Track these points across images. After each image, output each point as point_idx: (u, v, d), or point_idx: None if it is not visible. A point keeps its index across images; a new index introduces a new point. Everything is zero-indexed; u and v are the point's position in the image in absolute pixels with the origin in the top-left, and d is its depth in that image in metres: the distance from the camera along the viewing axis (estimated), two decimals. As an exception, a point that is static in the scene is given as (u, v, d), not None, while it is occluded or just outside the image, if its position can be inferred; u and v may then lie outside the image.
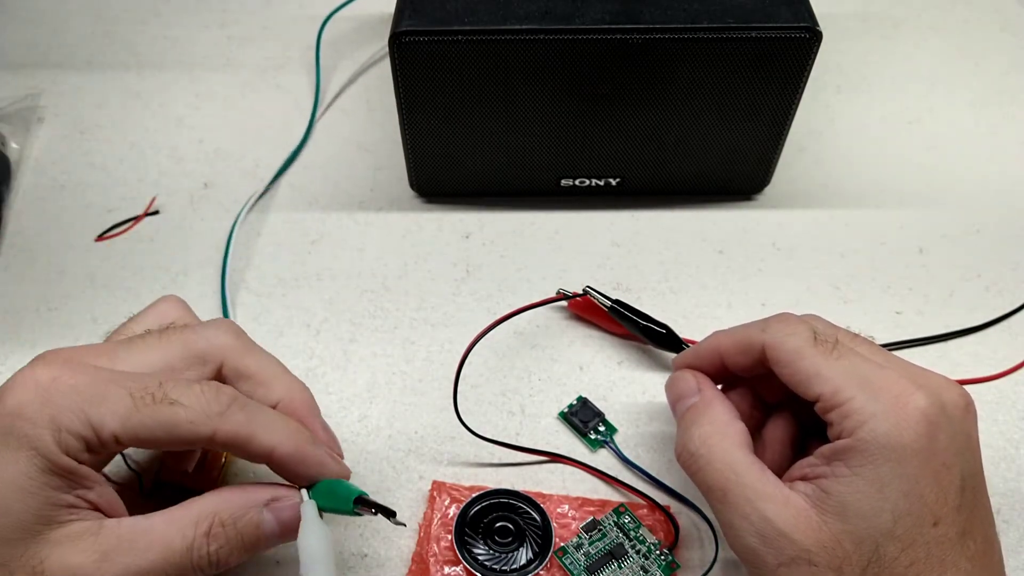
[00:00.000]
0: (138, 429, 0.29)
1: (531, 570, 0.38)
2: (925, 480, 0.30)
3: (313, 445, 0.33)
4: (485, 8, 0.45)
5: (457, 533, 0.38)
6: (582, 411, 0.44)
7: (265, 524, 0.32)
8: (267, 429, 0.32)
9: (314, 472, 0.33)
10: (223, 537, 0.31)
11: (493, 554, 0.38)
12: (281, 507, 0.32)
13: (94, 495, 0.30)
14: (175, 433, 0.30)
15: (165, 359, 0.33)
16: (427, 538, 0.39)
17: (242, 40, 0.65)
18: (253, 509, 0.32)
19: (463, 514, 0.39)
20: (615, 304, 0.46)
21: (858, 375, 0.32)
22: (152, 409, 0.30)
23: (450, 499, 0.40)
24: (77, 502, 0.29)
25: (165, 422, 0.30)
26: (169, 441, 0.30)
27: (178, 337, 0.34)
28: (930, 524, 0.30)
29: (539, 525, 0.39)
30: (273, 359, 0.36)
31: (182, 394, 0.30)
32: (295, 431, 0.33)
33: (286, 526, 0.32)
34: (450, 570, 0.38)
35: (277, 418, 0.33)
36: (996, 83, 0.62)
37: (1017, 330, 0.48)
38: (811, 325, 0.34)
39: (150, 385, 0.30)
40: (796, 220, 0.53)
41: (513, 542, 0.39)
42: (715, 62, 0.45)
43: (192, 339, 0.34)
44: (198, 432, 0.30)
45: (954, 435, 0.31)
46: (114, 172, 0.56)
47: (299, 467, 0.32)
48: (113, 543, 0.29)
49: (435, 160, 0.51)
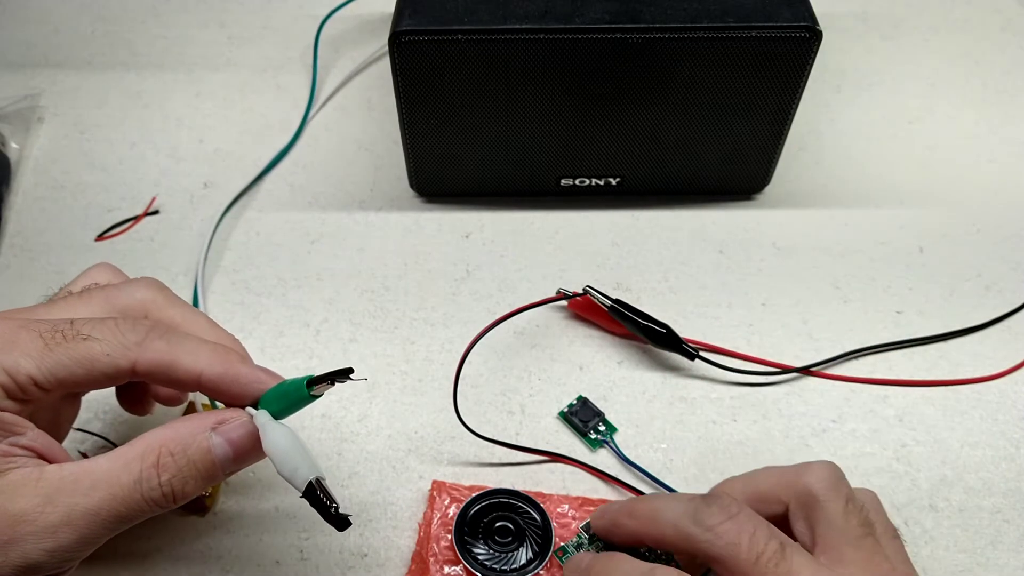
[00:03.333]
0: (55, 368, 0.29)
1: (531, 570, 0.37)
2: None
3: (244, 363, 0.32)
4: (485, 8, 0.45)
5: (457, 533, 0.38)
6: (582, 411, 0.44)
7: (216, 447, 0.30)
8: (191, 353, 0.31)
9: (253, 389, 0.32)
10: (173, 467, 0.30)
11: (493, 554, 0.38)
12: (229, 427, 0.31)
13: (26, 440, 0.29)
14: (94, 368, 0.29)
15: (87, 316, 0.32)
16: (427, 538, 0.39)
17: (242, 40, 0.65)
18: (201, 434, 0.30)
19: (463, 514, 0.39)
20: (615, 304, 0.45)
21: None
22: (65, 347, 0.29)
23: (450, 499, 0.40)
24: (11, 450, 0.29)
25: (80, 358, 0.29)
26: (89, 378, 0.30)
27: (99, 294, 0.33)
28: None
29: (539, 525, 0.39)
30: (199, 312, 0.35)
31: (95, 328, 0.30)
32: (222, 352, 0.31)
33: (238, 446, 0.31)
34: (450, 570, 0.38)
35: (200, 343, 0.31)
36: (996, 83, 0.62)
37: (1017, 330, 0.48)
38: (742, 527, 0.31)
39: (60, 324, 0.30)
40: (796, 220, 0.53)
41: (513, 542, 0.39)
42: (715, 62, 0.45)
43: (113, 294, 0.33)
44: (117, 364, 0.30)
45: None
46: (114, 172, 0.56)
47: (234, 386, 0.31)
48: (56, 485, 0.28)
49: (435, 160, 0.51)
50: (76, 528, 0.28)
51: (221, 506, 0.41)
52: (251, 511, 0.41)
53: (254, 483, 0.41)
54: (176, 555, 0.39)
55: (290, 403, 0.32)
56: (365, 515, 0.40)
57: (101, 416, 0.43)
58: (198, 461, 0.30)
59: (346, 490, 0.41)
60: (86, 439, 0.42)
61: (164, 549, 0.39)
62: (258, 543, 0.40)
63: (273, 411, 0.31)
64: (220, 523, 0.40)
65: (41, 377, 0.29)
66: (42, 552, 0.28)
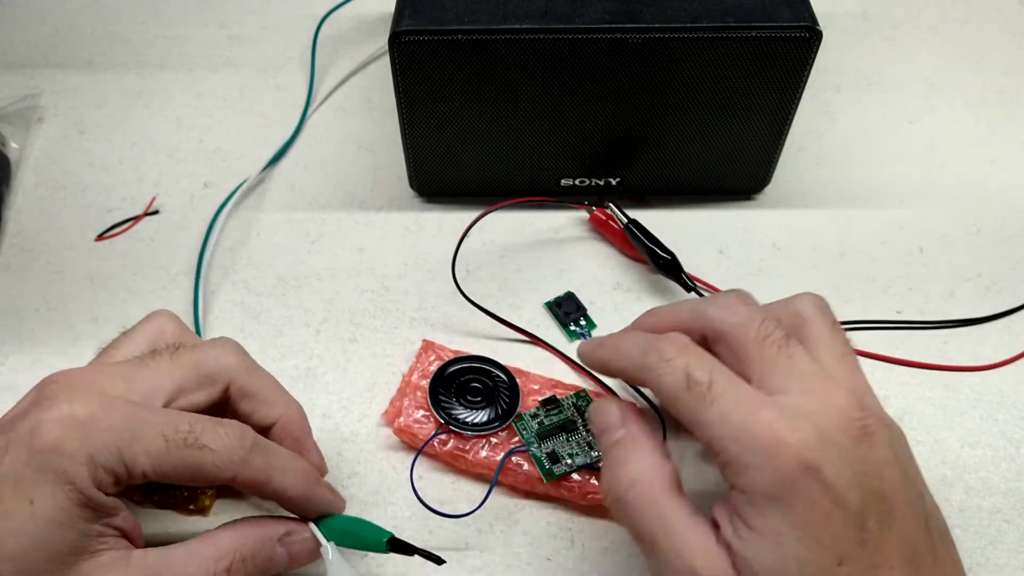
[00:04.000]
0: (166, 468, 0.31)
1: (489, 428, 0.41)
2: (816, 522, 0.28)
3: (318, 484, 0.35)
4: (485, 8, 0.45)
5: (433, 383, 0.43)
6: (567, 303, 0.48)
7: (278, 558, 0.34)
8: (282, 472, 0.34)
9: (321, 509, 0.35)
10: (242, 572, 0.33)
11: (459, 408, 0.42)
12: (293, 541, 0.34)
13: (119, 521, 0.31)
14: (200, 474, 0.32)
15: (178, 381, 0.34)
16: (407, 384, 0.43)
17: (242, 40, 0.65)
18: (269, 543, 0.34)
19: (442, 369, 0.43)
20: (631, 223, 0.49)
21: (730, 423, 0.30)
22: (183, 452, 0.31)
23: (435, 356, 0.44)
24: (106, 531, 0.30)
25: (192, 464, 0.31)
26: (192, 479, 0.32)
27: (189, 358, 0.35)
28: (834, 564, 0.28)
29: (509, 394, 0.42)
30: (272, 378, 0.37)
31: (211, 439, 0.32)
32: (304, 473, 0.35)
33: (296, 558, 0.34)
34: (419, 414, 0.42)
35: (289, 460, 0.34)
36: (996, 83, 0.62)
37: (1017, 330, 0.48)
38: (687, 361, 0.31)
39: (182, 427, 0.31)
40: (796, 220, 0.53)
41: (481, 402, 0.42)
42: (715, 62, 0.45)
43: (202, 360, 0.35)
44: (221, 475, 0.32)
45: (842, 466, 0.29)
46: (114, 172, 0.56)
47: (308, 505, 0.35)
48: (142, 573, 0.31)
49: (435, 160, 0.51)
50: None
51: (221, 506, 0.41)
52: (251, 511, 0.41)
53: (254, 483, 0.41)
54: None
55: (359, 545, 0.35)
56: (365, 515, 0.40)
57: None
58: (262, 569, 0.34)
59: (346, 490, 0.41)
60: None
61: (164, 549, 0.39)
62: (258, 543, 0.40)
63: (338, 541, 0.35)
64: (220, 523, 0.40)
65: (152, 473, 0.31)
66: None
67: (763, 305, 0.34)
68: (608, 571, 0.39)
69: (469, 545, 0.40)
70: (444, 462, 0.42)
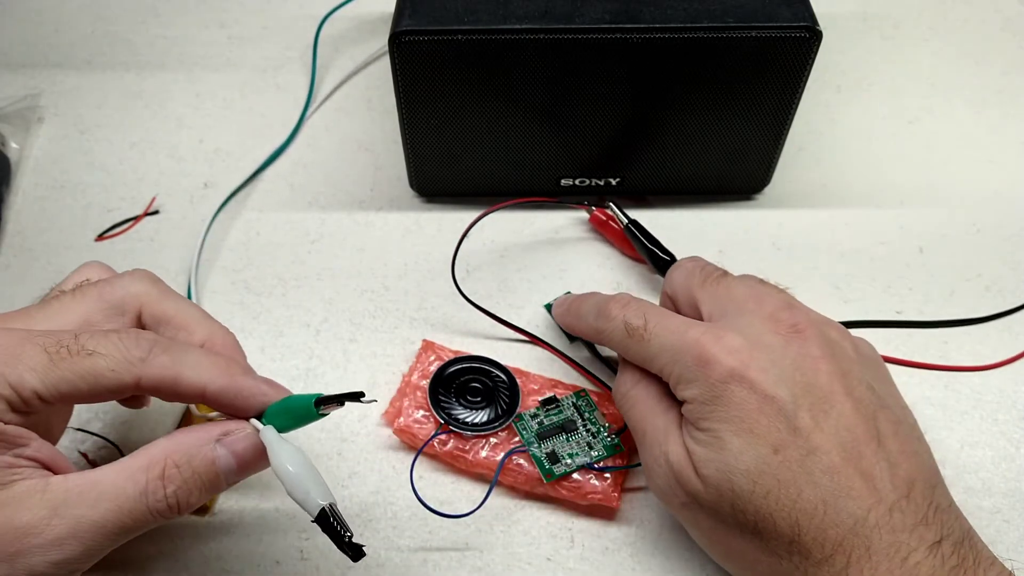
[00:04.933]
0: (59, 383, 0.29)
1: (489, 428, 0.41)
2: (748, 417, 0.32)
3: (246, 375, 0.32)
4: (485, 8, 0.45)
5: (432, 383, 0.43)
6: None
7: (220, 459, 0.31)
8: (194, 367, 0.31)
9: (256, 402, 0.32)
10: (179, 478, 0.30)
11: (460, 408, 0.42)
12: (233, 439, 0.31)
13: (31, 451, 0.29)
14: (98, 383, 0.30)
15: (82, 314, 0.33)
16: (407, 384, 0.43)
17: (242, 40, 0.65)
18: (206, 446, 0.31)
19: (442, 369, 0.43)
20: (631, 223, 0.49)
21: (668, 348, 0.35)
22: (70, 362, 0.29)
23: (435, 356, 0.44)
24: (16, 461, 0.29)
25: (85, 373, 0.29)
26: (93, 392, 0.30)
27: (93, 290, 0.34)
28: (770, 452, 0.32)
29: (509, 394, 0.42)
30: (193, 304, 0.36)
31: (99, 344, 0.30)
32: (224, 365, 0.32)
33: (242, 458, 0.31)
34: (419, 414, 0.42)
35: (203, 355, 0.32)
36: (996, 83, 0.62)
37: (1017, 330, 0.48)
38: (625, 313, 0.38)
39: (64, 338, 0.30)
40: (796, 220, 0.53)
41: (481, 402, 0.42)
42: (715, 62, 0.45)
43: (107, 291, 0.34)
44: (121, 379, 0.30)
45: (769, 365, 0.33)
46: (114, 172, 0.56)
47: (237, 400, 0.32)
48: (61, 497, 0.29)
49: (435, 160, 0.51)
50: (82, 540, 0.29)
51: (221, 507, 0.41)
52: (251, 511, 0.41)
53: (254, 483, 0.41)
54: (176, 556, 0.39)
55: (296, 420, 0.32)
56: (365, 515, 0.40)
57: (101, 416, 0.43)
58: (203, 472, 0.31)
59: (346, 490, 0.41)
60: (86, 439, 0.42)
61: (165, 551, 0.39)
62: (258, 543, 0.40)
63: (278, 426, 0.32)
64: (220, 524, 0.40)
65: (45, 392, 0.29)
66: (48, 564, 0.28)
67: None
68: (608, 571, 0.39)
69: (469, 545, 0.40)
70: (444, 462, 0.42)
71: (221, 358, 0.32)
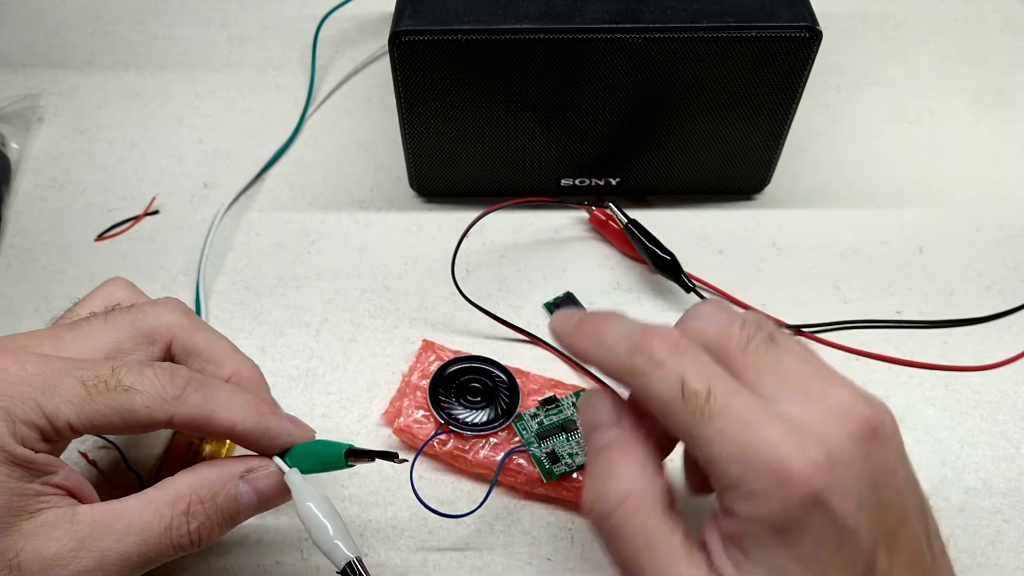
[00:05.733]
0: (93, 416, 0.29)
1: (488, 428, 0.41)
2: (824, 557, 0.26)
3: (274, 415, 0.33)
4: (485, 7, 0.45)
5: (432, 383, 0.43)
6: (566, 303, 0.49)
7: (243, 496, 0.31)
8: (226, 406, 0.31)
9: (281, 441, 0.33)
10: (203, 514, 0.30)
11: (460, 408, 0.42)
12: (256, 477, 0.32)
13: (59, 479, 0.29)
14: (132, 419, 0.30)
15: (113, 341, 0.33)
16: (407, 384, 0.43)
17: (242, 40, 0.65)
18: (230, 482, 0.31)
19: (442, 369, 0.43)
20: (631, 223, 0.49)
21: (732, 442, 0.26)
22: (107, 396, 0.29)
23: (435, 356, 0.44)
24: (44, 489, 0.29)
25: (120, 409, 0.30)
26: (126, 427, 0.30)
27: (125, 318, 0.33)
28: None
29: (509, 394, 0.42)
30: (222, 337, 0.36)
31: (136, 379, 0.30)
32: (254, 404, 0.32)
33: (263, 495, 0.32)
34: (419, 414, 0.42)
35: (234, 393, 0.32)
36: (996, 83, 0.62)
37: (1017, 330, 0.48)
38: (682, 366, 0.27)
39: (103, 372, 0.30)
40: (796, 220, 0.53)
41: (481, 402, 0.42)
42: (715, 62, 0.45)
43: (139, 319, 0.34)
44: (154, 416, 0.30)
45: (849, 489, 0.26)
46: (114, 172, 0.56)
47: (264, 439, 0.32)
48: (88, 529, 0.29)
49: (435, 160, 0.51)
50: (107, 573, 0.29)
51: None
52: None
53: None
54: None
55: (323, 465, 0.32)
56: (365, 515, 0.40)
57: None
58: (226, 509, 0.31)
59: (346, 490, 0.41)
60: (86, 439, 0.42)
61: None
62: (258, 543, 0.40)
63: (303, 468, 0.32)
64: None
65: (79, 424, 0.29)
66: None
67: None
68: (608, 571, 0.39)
69: (469, 545, 0.40)
70: (444, 462, 0.42)
71: (251, 396, 0.33)
